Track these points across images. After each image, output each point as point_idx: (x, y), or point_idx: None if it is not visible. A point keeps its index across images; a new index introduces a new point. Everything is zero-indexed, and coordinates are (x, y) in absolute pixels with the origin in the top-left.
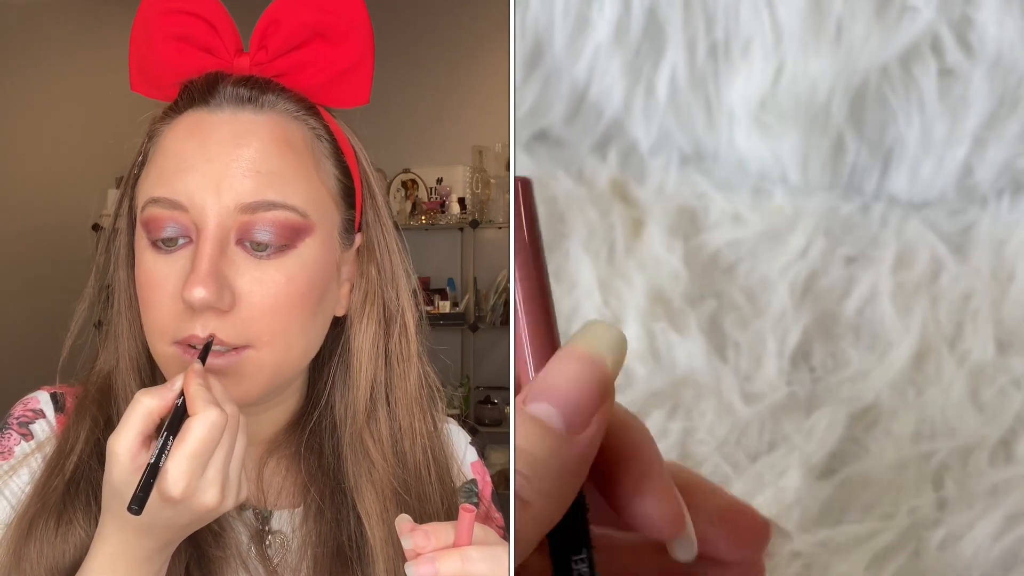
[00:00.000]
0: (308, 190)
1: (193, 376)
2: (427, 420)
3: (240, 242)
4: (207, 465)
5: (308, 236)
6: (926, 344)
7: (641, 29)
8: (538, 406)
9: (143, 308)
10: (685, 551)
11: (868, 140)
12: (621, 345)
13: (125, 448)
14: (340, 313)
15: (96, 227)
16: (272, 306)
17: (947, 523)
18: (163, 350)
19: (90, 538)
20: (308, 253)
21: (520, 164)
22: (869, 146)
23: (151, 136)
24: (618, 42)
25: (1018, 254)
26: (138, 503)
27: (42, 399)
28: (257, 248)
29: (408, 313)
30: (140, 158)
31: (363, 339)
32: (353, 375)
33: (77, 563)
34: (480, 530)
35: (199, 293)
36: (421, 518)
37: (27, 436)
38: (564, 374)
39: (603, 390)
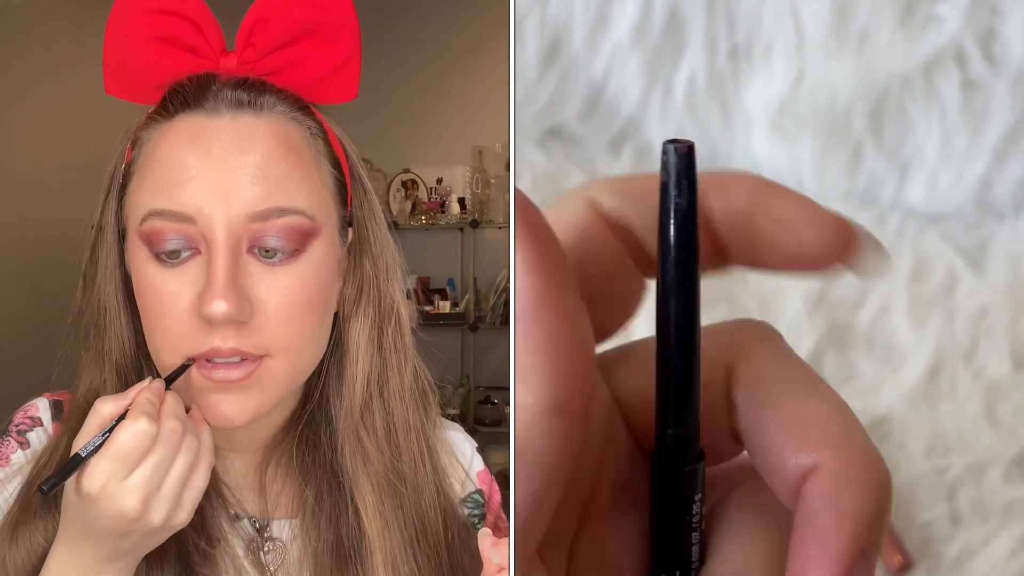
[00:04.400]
0: (312, 191)
1: (145, 391)
2: (420, 413)
3: (251, 250)
4: (132, 471)
5: (316, 238)
6: (940, 358)
7: (661, 29)
8: None
9: (150, 324)
10: (869, 265)
11: (886, 150)
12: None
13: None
14: (336, 309)
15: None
16: (288, 313)
17: (961, 539)
18: (174, 363)
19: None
20: (316, 256)
21: (533, 160)
22: (887, 156)
23: (136, 143)
24: (638, 41)
25: None
26: (48, 484)
27: (41, 406)
28: (266, 255)
29: (402, 307)
30: (123, 166)
31: (359, 333)
32: (348, 369)
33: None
34: None
35: (220, 307)
36: (418, 509)
37: (24, 445)
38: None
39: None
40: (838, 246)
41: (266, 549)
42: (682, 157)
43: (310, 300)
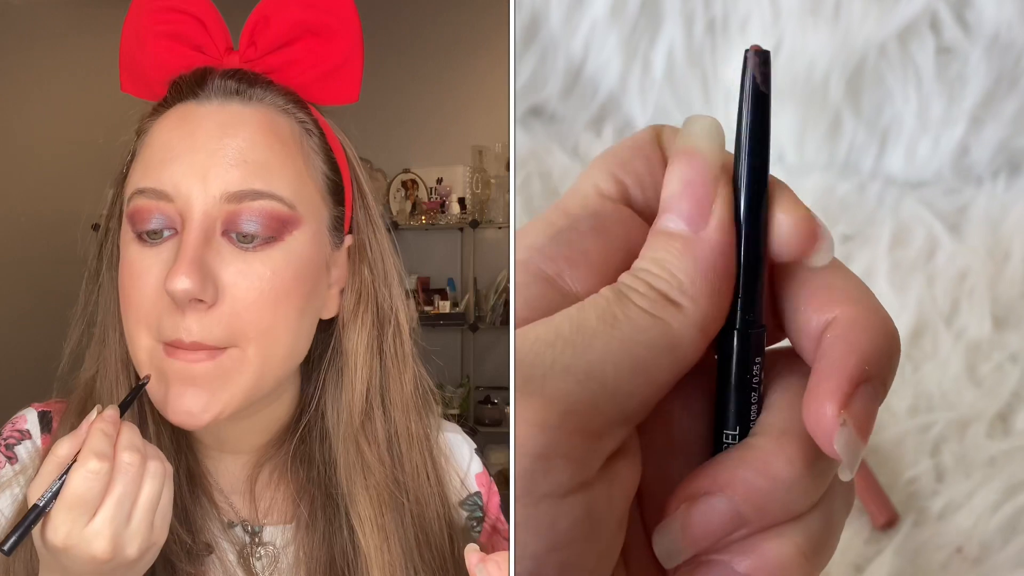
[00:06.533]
0: (296, 182)
1: (98, 423)
2: (423, 421)
3: (226, 233)
4: (94, 515)
5: (295, 229)
6: (923, 321)
7: (638, 5)
8: (664, 220)
9: (124, 302)
10: (823, 257)
11: (865, 118)
12: (714, 130)
13: (38, 498)
14: (328, 316)
15: (96, 227)
16: (257, 300)
17: (946, 493)
18: (144, 344)
19: None
20: (295, 247)
21: (515, 139)
22: (866, 125)
23: (139, 133)
24: (615, 17)
25: (1014, 233)
26: (8, 545)
27: (30, 418)
28: (243, 240)
29: (402, 313)
30: (129, 156)
31: (358, 340)
32: (347, 377)
33: None
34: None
35: (182, 283)
36: (421, 522)
37: (12, 459)
38: (671, 179)
39: (708, 178)
40: (808, 242)
41: (258, 555)
42: (760, 58)
43: (283, 290)
